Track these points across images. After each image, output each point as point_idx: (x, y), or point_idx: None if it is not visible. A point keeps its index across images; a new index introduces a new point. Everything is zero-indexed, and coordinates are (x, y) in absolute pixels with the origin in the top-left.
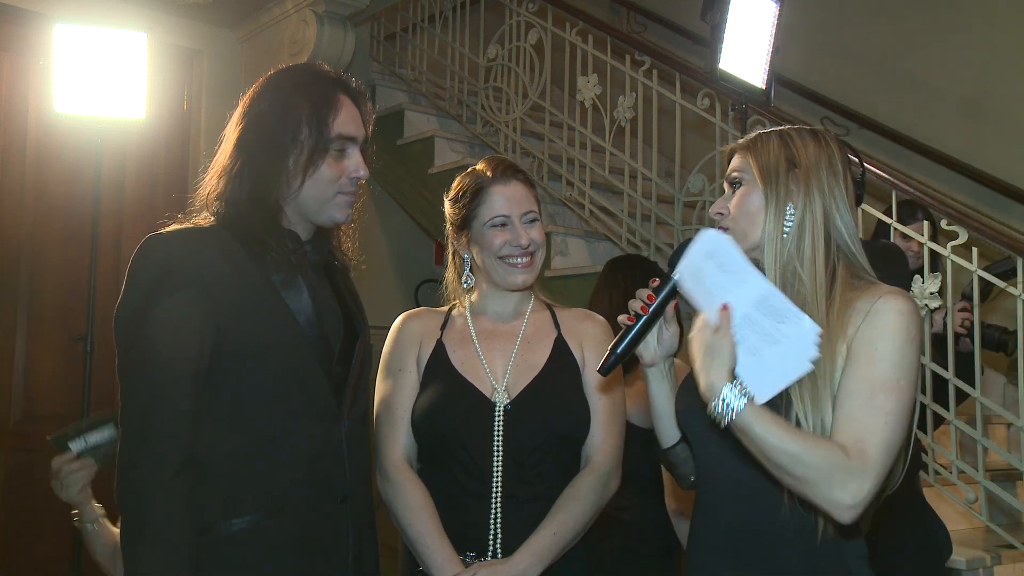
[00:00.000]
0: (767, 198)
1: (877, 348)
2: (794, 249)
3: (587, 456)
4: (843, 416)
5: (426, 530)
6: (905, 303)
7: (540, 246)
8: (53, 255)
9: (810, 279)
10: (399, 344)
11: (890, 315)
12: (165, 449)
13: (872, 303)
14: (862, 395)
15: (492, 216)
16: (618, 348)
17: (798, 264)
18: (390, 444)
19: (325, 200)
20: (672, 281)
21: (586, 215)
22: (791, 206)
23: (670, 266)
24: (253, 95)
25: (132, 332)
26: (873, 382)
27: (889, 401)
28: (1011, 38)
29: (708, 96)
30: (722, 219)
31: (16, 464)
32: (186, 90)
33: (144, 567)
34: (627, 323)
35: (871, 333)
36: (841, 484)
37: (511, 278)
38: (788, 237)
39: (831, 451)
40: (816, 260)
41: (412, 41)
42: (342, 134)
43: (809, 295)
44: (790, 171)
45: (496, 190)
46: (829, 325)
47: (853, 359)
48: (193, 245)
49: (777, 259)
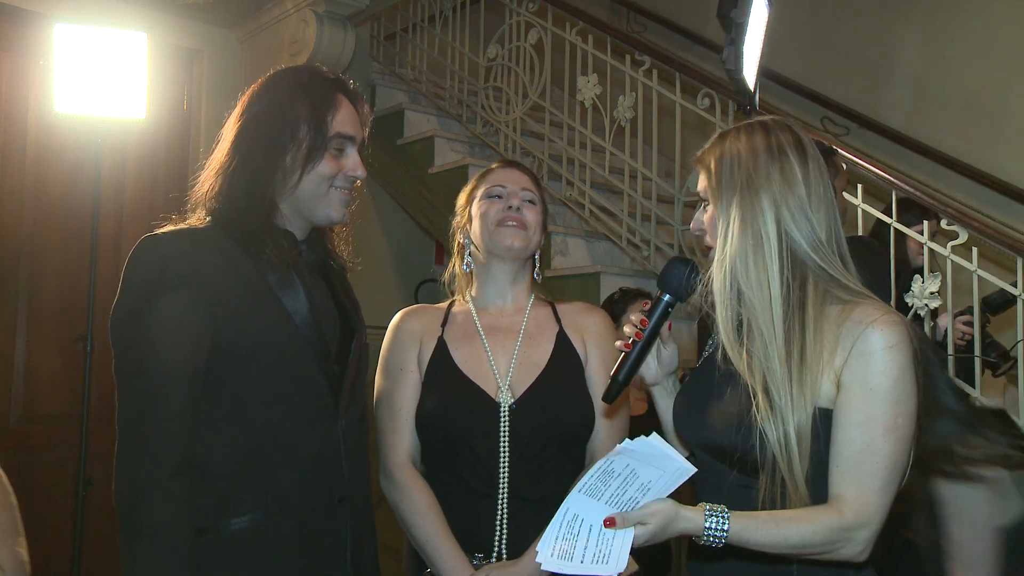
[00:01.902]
0: (718, 216)
1: (872, 389)
2: (742, 269)
3: (592, 453)
4: (843, 464)
5: (434, 532)
6: (894, 334)
7: (532, 225)
8: (53, 255)
9: (762, 302)
10: (398, 343)
11: (881, 353)
12: (163, 450)
13: (860, 330)
14: (861, 441)
15: (490, 186)
16: (619, 375)
17: (745, 286)
18: (394, 445)
19: (321, 196)
20: (663, 302)
21: (586, 215)
22: (739, 221)
23: (659, 287)
24: (251, 95)
25: (128, 333)
26: (871, 426)
27: (888, 443)
28: (1011, 38)
29: (708, 96)
30: (703, 236)
31: (16, 464)
32: (186, 90)
33: (142, 568)
34: (624, 349)
35: (863, 372)
36: (848, 543)
37: (503, 239)
38: (737, 257)
39: (830, 521)
40: (770, 280)
41: (412, 41)
42: (341, 133)
43: (762, 320)
44: (733, 181)
45: (498, 170)
46: (794, 349)
47: (848, 397)
48: (188, 246)
49: (725, 280)
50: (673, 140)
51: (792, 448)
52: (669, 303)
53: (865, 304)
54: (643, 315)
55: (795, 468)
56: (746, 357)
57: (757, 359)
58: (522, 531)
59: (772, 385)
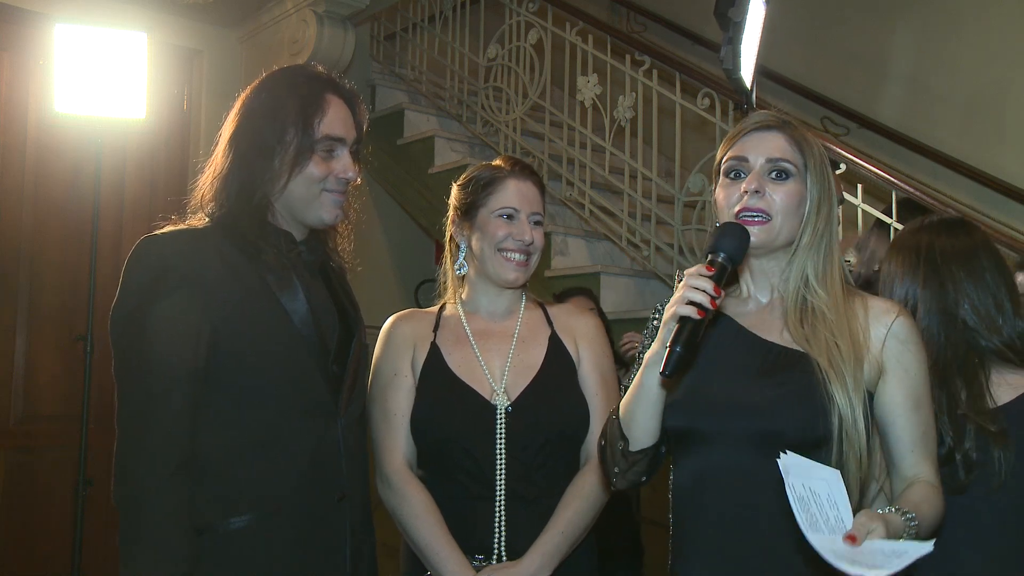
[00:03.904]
0: (818, 206)
1: (913, 373)
2: (818, 261)
3: (587, 454)
4: (916, 448)
5: (434, 536)
6: (915, 324)
7: (538, 250)
8: (53, 255)
9: (830, 291)
10: (391, 348)
11: (915, 339)
12: (162, 449)
13: (891, 318)
14: (919, 424)
15: (502, 206)
16: (680, 347)
17: (821, 275)
18: (390, 450)
19: (311, 199)
20: (727, 268)
21: (586, 215)
22: (825, 220)
23: (715, 250)
24: (247, 95)
25: (128, 334)
26: (920, 408)
27: (932, 418)
28: (1011, 38)
29: (708, 96)
30: (759, 200)
31: (16, 464)
32: (186, 90)
33: (141, 567)
34: (696, 316)
35: (905, 355)
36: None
37: (504, 273)
38: (818, 249)
39: (935, 498)
40: (836, 272)
41: (412, 41)
42: (329, 135)
43: (827, 305)
44: (826, 180)
45: (511, 183)
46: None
47: (895, 381)
48: (187, 246)
49: (801, 270)
50: (673, 140)
51: (859, 418)
52: (725, 265)
53: (874, 297)
54: (710, 280)
55: (861, 438)
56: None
57: (822, 336)
58: (520, 532)
59: (836, 356)
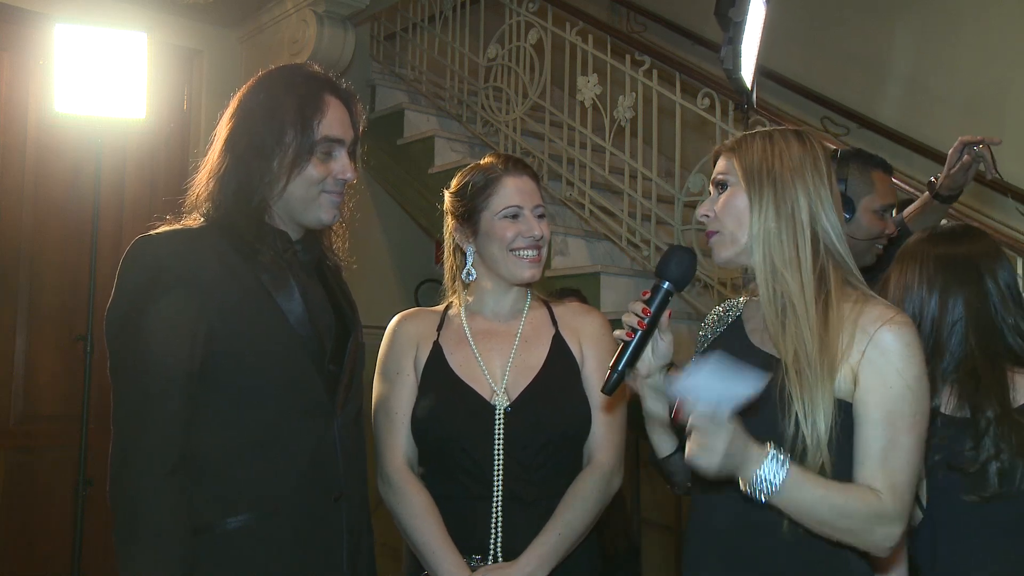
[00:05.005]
0: (751, 199)
1: (892, 386)
2: (779, 249)
3: (589, 454)
4: (872, 459)
5: (432, 536)
6: (910, 333)
7: (547, 242)
8: (53, 255)
9: (795, 280)
10: (395, 347)
11: (900, 351)
12: (158, 450)
13: (876, 328)
14: (885, 437)
15: (505, 207)
16: (619, 365)
17: (782, 264)
18: (390, 448)
19: (310, 201)
20: (662, 290)
21: (586, 215)
22: (774, 207)
23: (659, 274)
24: (243, 94)
25: (124, 334)
26: (894, 423)
27: (910, 439)
28: (1010, 38)
29: (708, 96)
30: (709, 221)
31: (16, 464)
32: (186, 90)
33: (139, 567)
34: (625, 338)
35: (885, 368)
36: (882, 530)
37: (519, 272)
38: (773, 237)
39: (870, 499)
40: (802, 261)
41: (412, 41)
42: (328, 136)
43: (795, 296)
44: (773, 172)
45: (508, 181)
46: (821, 327)
47: (867, 392)
48: (183, 246)
49: (764, 260)
50: (673, 140)
51: (819, 422)
52: (669, 291)
53: (876, 302)
54: (644, 303)
55: (820, 442)
56: (780, 332)
57: (790, 333)
58: (518, 532)
59: (802, 355)
